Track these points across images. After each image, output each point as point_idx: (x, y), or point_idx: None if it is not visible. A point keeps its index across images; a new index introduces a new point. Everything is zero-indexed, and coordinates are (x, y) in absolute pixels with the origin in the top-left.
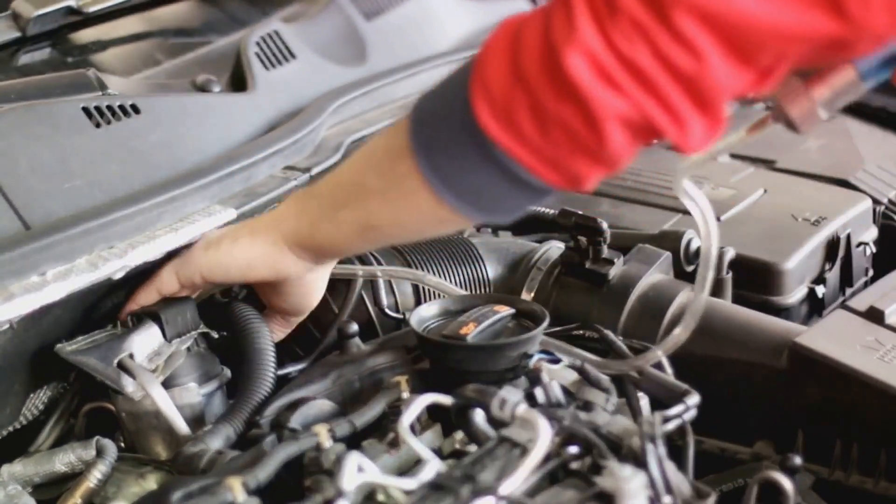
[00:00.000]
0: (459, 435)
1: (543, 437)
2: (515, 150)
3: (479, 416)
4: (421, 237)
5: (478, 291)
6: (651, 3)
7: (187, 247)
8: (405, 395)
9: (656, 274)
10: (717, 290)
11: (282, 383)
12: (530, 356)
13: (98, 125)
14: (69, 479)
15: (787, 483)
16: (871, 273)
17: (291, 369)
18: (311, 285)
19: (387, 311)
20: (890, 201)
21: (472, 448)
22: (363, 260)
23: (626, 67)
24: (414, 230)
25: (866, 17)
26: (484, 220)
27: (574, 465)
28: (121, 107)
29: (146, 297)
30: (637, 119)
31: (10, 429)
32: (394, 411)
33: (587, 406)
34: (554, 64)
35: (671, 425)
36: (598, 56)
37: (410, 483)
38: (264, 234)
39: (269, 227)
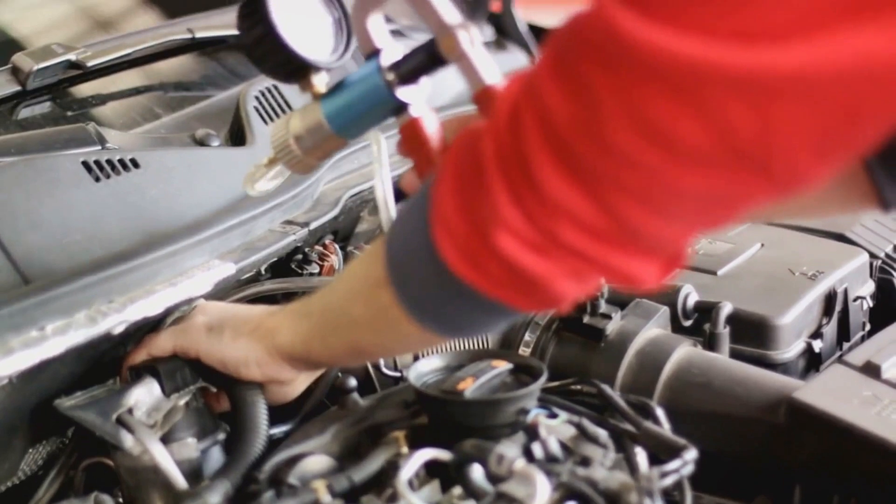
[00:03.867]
0: (458, 490)
1: (541, 492)
2: (486, 287)
3: (477, 471)
4: (411, 353)
5: (476, 344)
6: (578, 183)
7: (187, 302)
8: (404, 450)
9: (654, 328)
10: (713, 345)
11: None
12: (528, 411)
13: (97, 179)
14: None
15: None
16: (868, 327)
17: (276, 430)
18: (295, 385)
19: (384, 369)
20: (887, 255)
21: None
22: None
23: (554, 243)
24: (401, 351)
25: (794, 174)
26: (470, 337)
27: None
28: (120, 161)
29: (137, 358)
30: (581, 276)
31: (9, 484)
32: (392, 466)
33: (585, 461)
34: (487, 240)
35: (669, 480)
36: (523, 233)
37: None
38: (262, 341)
39: (267, 336)
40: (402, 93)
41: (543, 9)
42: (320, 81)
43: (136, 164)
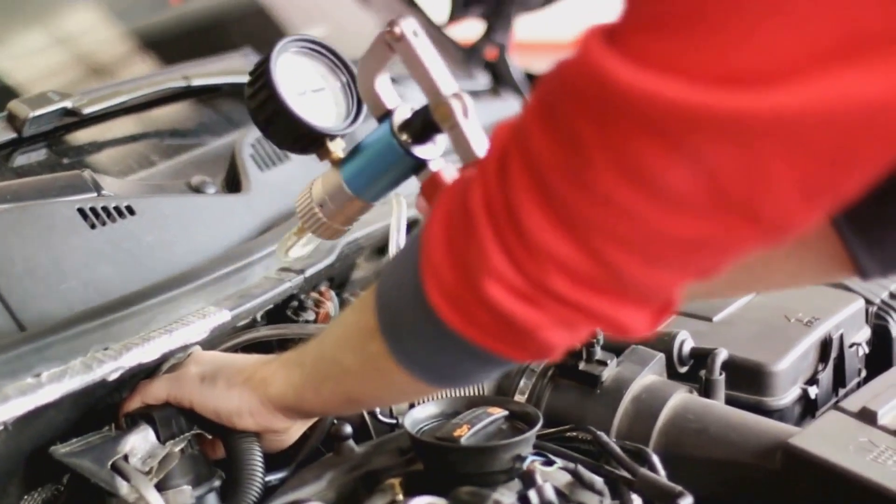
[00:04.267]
0: None
1: None
2: (476, 336)
3: None
4: (404, 402)
5: (472, 391)
6: (566, 230)
7: (183, 349)
8: (399, 497)
9: (650, 375)
10: (709, 392)
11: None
12: (524, 458)
13: (93, 226)
14: None
15: None
16: (863, 373)
17: (272, 477)
18: (291, 433)
19: (380, 416)
20: (883, 301)
21: None
22: None
23: (543, 291)
24: (394, 401)
25: (782, 219)
26: (462, 387)
27: None
28: (116, 208)
29: (132, 405)
30: (571, 325)
31: None
32: None
33: None
34: (476, 288)
35: None
36: (512, 281)
37: None
38: (256, 392)
39: (260, 386)
40: (419, 150)
41: (539, 56)
42: (337, 147)
43: (131, 211)
